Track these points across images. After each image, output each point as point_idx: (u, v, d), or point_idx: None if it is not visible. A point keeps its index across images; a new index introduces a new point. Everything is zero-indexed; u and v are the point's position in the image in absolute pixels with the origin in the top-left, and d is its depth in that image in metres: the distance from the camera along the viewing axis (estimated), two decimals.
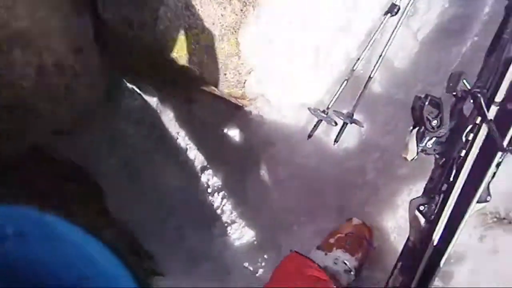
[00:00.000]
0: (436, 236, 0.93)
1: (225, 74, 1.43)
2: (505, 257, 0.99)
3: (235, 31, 1.38)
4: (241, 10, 1.36)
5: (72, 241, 0.49)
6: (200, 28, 1.34)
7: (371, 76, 1.22)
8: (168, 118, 2.04)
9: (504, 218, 1.02)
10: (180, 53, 1.38)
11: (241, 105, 1.58)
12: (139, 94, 2.05)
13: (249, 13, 1.37)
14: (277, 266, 1.08)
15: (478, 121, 0.92)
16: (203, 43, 1.36)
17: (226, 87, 1.47)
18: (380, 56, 1.21)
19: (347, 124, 1.24)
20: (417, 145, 0.95)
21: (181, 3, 1.29)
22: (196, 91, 1.79)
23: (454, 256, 1.04)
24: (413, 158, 0.95)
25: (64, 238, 0.48)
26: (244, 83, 1.45)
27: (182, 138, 2.02)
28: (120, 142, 2.03)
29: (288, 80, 1.37)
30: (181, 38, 1.35)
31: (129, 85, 2.04)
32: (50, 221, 0.49)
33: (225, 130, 1.73)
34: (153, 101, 2.04)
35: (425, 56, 1.18)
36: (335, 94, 1.25)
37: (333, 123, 1.26)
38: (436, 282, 1.05)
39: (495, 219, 1.03)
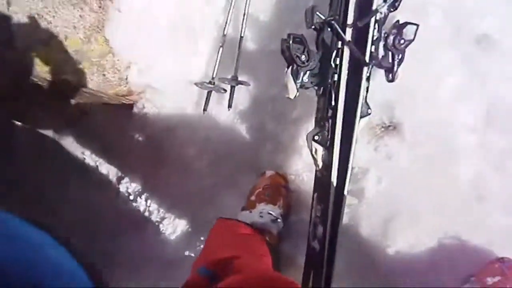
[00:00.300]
0: (335, 159, 1.00)
1: (104, 75, 1.39)
2: (397, 159, 1.10)
3: (100, 29, 1.34)
4: (99, 6, 1.33)
5: (32, 242, 0.48)
6: (62, 35, 1.29)
7: (242, 35, 1.26)
8: (69, 142, 1.95)
9: (389, 126, 1.13)
10: (48, 66, 1.32)
11: (132, 102, 1.56)
12: (29, 128, 1.93)
13: (109, 7, 1.34)
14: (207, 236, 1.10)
15: (340, 46, 1.00)
16: (70, 49, 1.31)
17: (110, 88, 1.43)
18: (244, 14, 1.26)
19: (234, 87, 1.28)
20: (295, 82, 1.01)
21: (32, 14, 1.23)
22: (84, 102, 1.73)
23: (359, 172, 1.14)
24: (295, 95, 1.01)
25: (23, 238, 0.48)
26: (127, 78, 1.42)
27: (89, 157, 1.95)
28: (24, 181, 1.91)
29: (168, 62, 1.37)
30: (45, 51, 1.29)
31: (16, 122, 1.92)
32: (8, 221, 0.48)
33: (125, 133, 1.70)
34: (48, 132, 1.94)
35: (284, 2, 1.24)
36: (215, 63, 1.28)
37: (222, 91, 1.30)
38: (352, 200, 1.15)
39: (382, 129, 1.13)
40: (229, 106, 1.29)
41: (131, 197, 1.86)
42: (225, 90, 1.29)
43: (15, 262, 0.44)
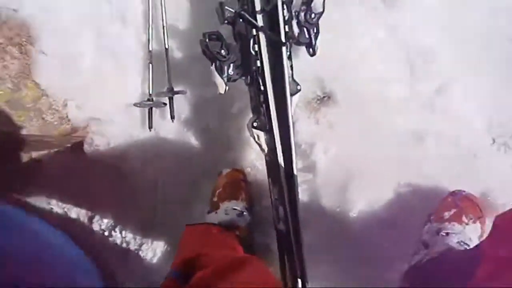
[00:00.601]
0: (277, 140, 1.03)
1: (43, 119, 1.39)
2: (339, 125, 1.14)
3: (28, 75, 1.34)
4: (21, 52, 1.33)
5: (35, 231, 0.50)
6: None
7: (167, 47, 1.29)
8: (32, 197, 1.92)
9: (323, 97, 1.17)
10: None
11: (80, 139, 1.55)
12: None
13: (31, 51, 1.34)
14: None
15: (255, 33, 1.04)
16: (1, 102, 1.30)
17: (53, 130, 1.43)
18: (163, 27, 1.28)
19: (172, 98, 1.30)
20: (222, 77, 1.04)
21: None
22: (36, 152, 1.71)
23: (307, 148, 1.17)
24: (225, 90, 1.05)
25: (27, 228, 0.49)
26: (67, 116, 1.42)
27: (56, 205, 1.92)
28: None
29: (103, 91, 1.38)
30: None
31: None
32: (11, 213, 0.50)
33: (83, 172, 1.69)
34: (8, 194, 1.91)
35: (198, 6, 1.27)
36: (149, 80, 1.31)
37: (162, 105, 1.32)
38: (306, 176, 1.18)
39: (318, 101, 1.17)
40: (172, 117, 1.32)
41: (106, 233, 1.85)
42: (165, 104, 1.31)
43: (21, 251, 0.46)
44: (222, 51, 1.02)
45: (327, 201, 1.15)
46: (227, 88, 1.04)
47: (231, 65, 1.05)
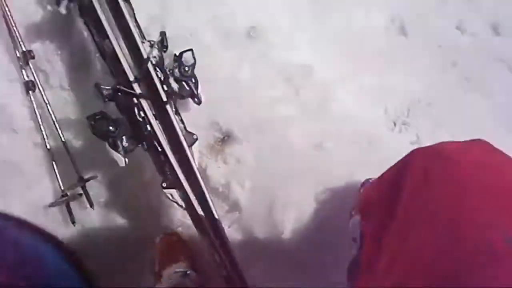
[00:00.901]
0: (190, 193, 1.06)
1: None
2: (245, 158, 1.19)
3: None
4: None
5: (23, 242, 0.47)
6: None
7: (63, 140, 1.29)
8: None
9: (224, 137, 1.22)
10: None
11: None
12: None
13: None
14: None
15: (136, 101, 1.07)
16: None
17: None
18: (54, 123, 1.29)
19: (84, 186, 1.29)
20: (118, 152, 1.06)
21: None
22: None
23: (224, 189, 1.21)
24: (125, 162, 1.06)
25: (13, 239, 0.47)
26: None
27: None
28: None
29: (15, 202, 1.34)
30: None
31: None
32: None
33: None
34: None
35: (82, 93, 1.30)
36: (57, 177, 1.29)
37: (78, 196, 1.30)
38: (234, 213, 1.20)
39: (220, 143, 1.22)
40: (91, 205, 1.30)
41: None
42: (80, 194, 1.30)
43: (2, 261, 0.44)
44: (110, 127, 1.05)
45: (259, 232, 1.17)
46: (126, 160, 1.06)
47: (124, 137, 1.07)
